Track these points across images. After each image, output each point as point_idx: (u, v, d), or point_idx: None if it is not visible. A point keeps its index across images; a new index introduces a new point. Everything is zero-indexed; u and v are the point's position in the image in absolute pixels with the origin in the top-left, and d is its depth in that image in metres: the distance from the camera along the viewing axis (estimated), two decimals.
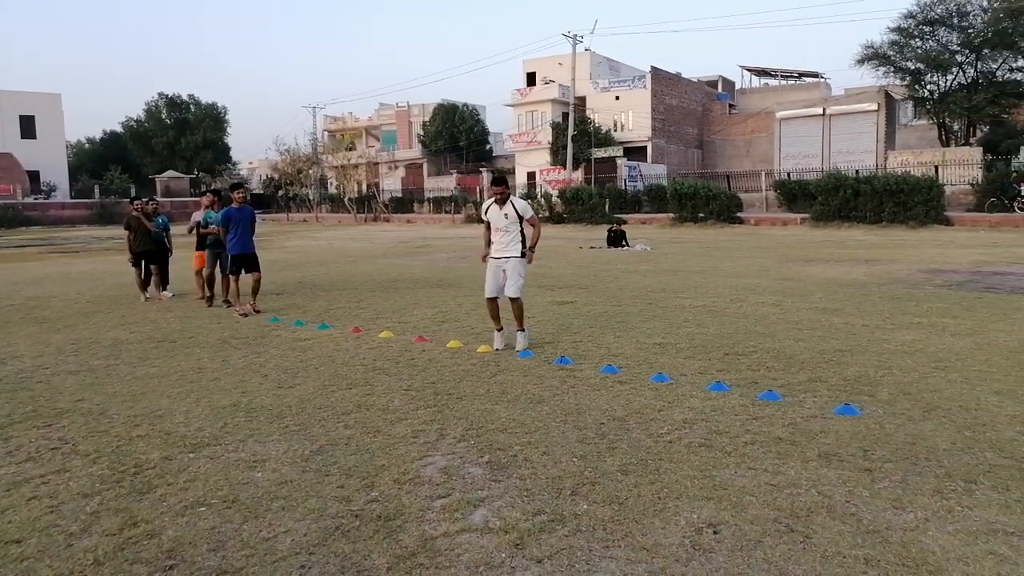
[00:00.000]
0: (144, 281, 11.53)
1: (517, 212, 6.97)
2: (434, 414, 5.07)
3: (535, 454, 4.24)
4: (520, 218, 6.99)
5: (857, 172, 28.56)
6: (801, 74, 57.46)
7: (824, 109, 42.15)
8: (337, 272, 15.37)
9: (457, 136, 56.62)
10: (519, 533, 3.26)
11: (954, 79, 37.85)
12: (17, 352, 7.57)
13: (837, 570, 2.89)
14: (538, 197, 38.49)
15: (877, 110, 40.31)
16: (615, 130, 47.98)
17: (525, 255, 7.11)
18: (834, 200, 26.70)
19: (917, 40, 38.01)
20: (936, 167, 30.06)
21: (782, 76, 58.67)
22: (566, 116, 45.28)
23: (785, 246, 19.40)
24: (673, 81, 50.46)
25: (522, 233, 7.03)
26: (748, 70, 59.22)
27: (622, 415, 4.94)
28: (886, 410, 4.91)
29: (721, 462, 4.05)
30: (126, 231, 11.61)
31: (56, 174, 56.18)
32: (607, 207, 33.78)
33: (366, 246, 24.22)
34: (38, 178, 54.15)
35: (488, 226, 7.22)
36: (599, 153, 44.62)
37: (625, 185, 39.81)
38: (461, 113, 57.35)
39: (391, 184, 58.78)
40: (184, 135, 63.46)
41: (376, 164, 61.37)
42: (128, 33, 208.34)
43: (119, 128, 68.35)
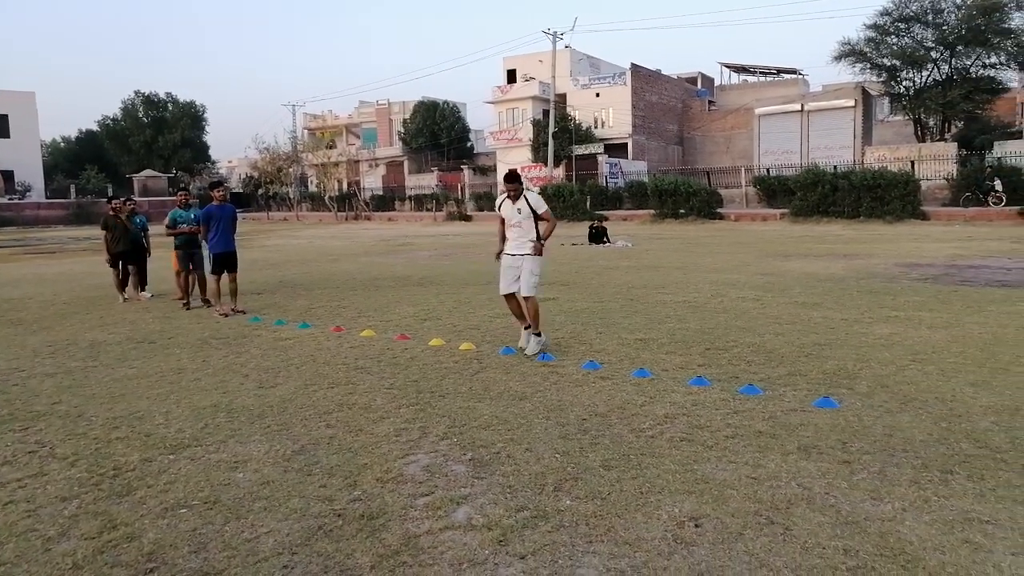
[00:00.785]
0: (122, 282, 11.40)
1: (531, 207, 6.78)
2: (416, 412, 5.06)
3: (518, 451, 4.25)
4: (534, 213, 6.79)
5: (835, 168, 28.86)
6: (780, 71, 57.84)
7: (802, 105, 42.52)
8: (318, 271, 15.29)
9: (438, 133, 56.47)
10: (502, 530, 3.27)
11: (929, 75, 38.30)
12: None
13: (816, 561, 2.92)
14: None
15: (854, 106, 40.73)
16: (596, 127, 48.09)
17: (540, 252, 6.85)
18: (813, 195, 26.98)
19: (893, 37, 38.42)
20: (912, 162, 30.43)
21: (761, 73, 59.03)
22: (547, 113, 45.30)
23: (765, 241, 19.55)
24: (653, 78, 50.64)
25: (536, 229, 6.84)
26: (727, 67, 59.55)
27: (604, 411, 4.96)
28: (864, 402, 4.97)
29: (702, 456, 4.08)
30: (103, 231, 11.48)
31: (31, 174, 55.27)
32: (588, 204, 33.87)
33: (347, 244, 24.10)
34: (12, 178, 53.28)
35: (502, 222, 7.03)
36: (580, 150, 44.68)
37: (606, 182, 39.91)
38: (442, 110, 57.20)
39: (372, 182, 58.56)
40: (162, 134, 62.77)
41: (357, 162, 61.07)
42: (104, 31, 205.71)
43: (95, 127, 67.50)
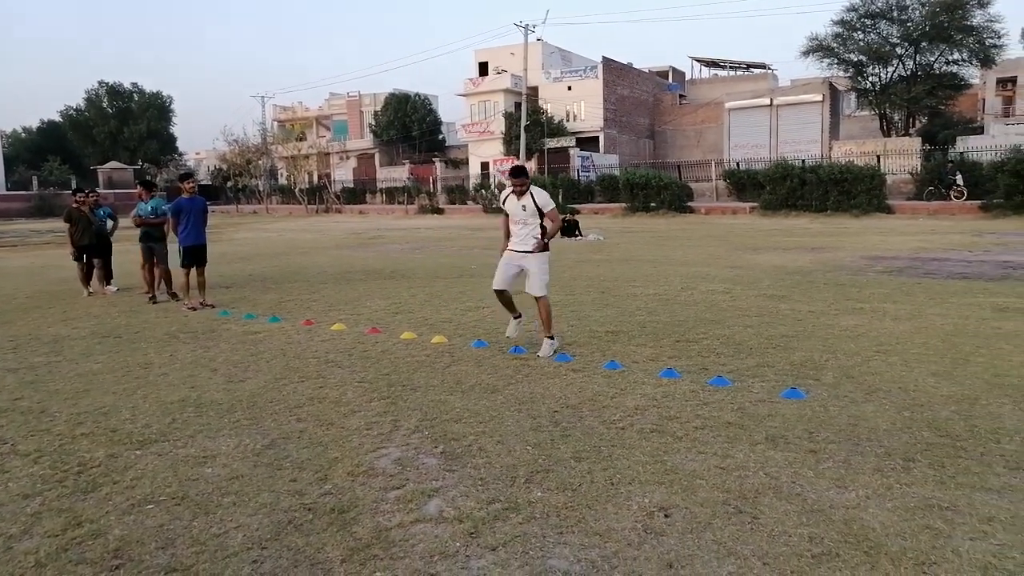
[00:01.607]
0: (87, 275, 11.19)
1: (536, 205, 6.43)
2: (388, 406, 5.05)
3: (489, 443, 4.26)
4: (540, 211, 6.46)
5: (803, 162, 29.22)
6: (749, 65, 58.43)
7: (771, 100, 42.97)
8: (288, 264, 15.14)
9: (409, 126, 56.11)
10: (473, 522, 3.27)
11: (894, 71, 38.98)
12: None
13: (783, 548, 2.98)
14: (492, 187, 38.47)
15: (822, 101, 41.26)
16: (568, 120, 48.14)
17: (547, 248, 6.57)
18: (782, 189, 27.30)
19: (859, 33, 39.02)
20: (878, 157, 30.94)
21: (731, 67, 59.59)
22: (519, 106, 45.28)
23: (735, 234, 19.76)
24: (624, 71, 50.82)
25: (542, 227, 6.52)
26: (698, 61, 60.00)
27: (575, 403, 4.99)
28: (830, 393, 5.06)
29: (672, 447, 4.13)
30: (67, 224, 11.25)
31: None
32: (560, 197, 33.91)
33: (317, 237, 23.89)
34: None
35: (507, 218, 6.72)
36: (552, 143, 44.74)
37: (578, 175, 40.03)
38: (413, 103, 56.84)
39: (343, 175, 58.07)
40: (127, 125, 61.64)
41: (327, 154, 60.46)
42: (64, 19, 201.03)
43: (58, 117, 66.03)
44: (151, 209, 10.27)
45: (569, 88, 48.79)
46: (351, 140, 62.65)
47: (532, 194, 6.46)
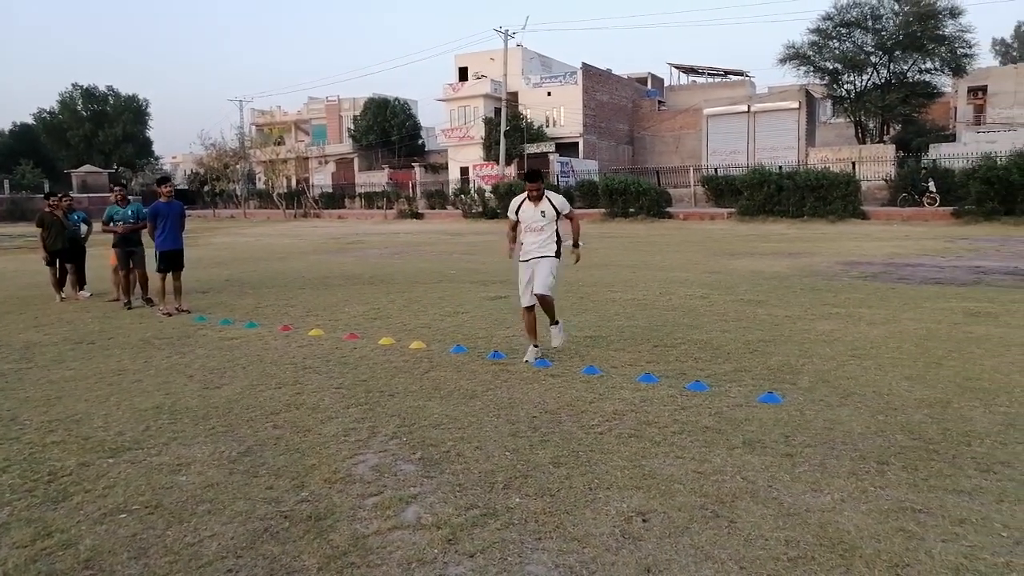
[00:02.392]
0: (59, 280, 11.02)
1: (555, 209, 6.19)
2: (366, 412, 5.01)
3: (468, 449, 4.25)
4: (557, 215, 6.22)
5: (780, 168, 29.53)
6: (727, 72, 58.95)
7: (749, 107, 43.35)
8: (266, 269, 15.02)
9: (389, 130, 55.91)
10: (451, 528, 3.26)
11: (869, 79, 39.48)
12: None
13: (759, 552, 2.99)
14: (472, 192, 38.44)
15: (798, 108, 41.71)
16: (547, 126, 48.26)
17: (559, 255, 6.33)
18: (759, 195, 27.56)
19: (835, 41, 39.49)
20: (853, 163, 31.31)
21: (709, 74, 60.07)
22: (498, 111, 45.30)
23: (712, 240, 19.91)
24: (604, 77, 51.07)
25: (556, 232, 6.25)
26: (676, 67, 60.44)
27: (554, 408, 4.99)
28: (806, 397, 5.11)
29: (650, 452, 4.14)
30: (39, 228, 11.07)
31: None
32: None
33: (296, 242, 23.73)
34: None
35: (514, 225, 6.45)
36: (532, 148, 44.80)
37: (557, 180, 40.09)
38: (392, 107, 56.62)
39: (321, 179, 57.72)
40: (102, 128, 60.83)
41: (306, 159, 60.10)
42: (39, 21, 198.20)
43: (31, 120, 65.05)
44: (132, 214, 10.14)
45: (549, 94, 48.92)
46: (330, 145, 62.32)
47: (549, 199, 6.22)
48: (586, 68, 48.71)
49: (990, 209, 22.76)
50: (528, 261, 6.31)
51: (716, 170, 35.25)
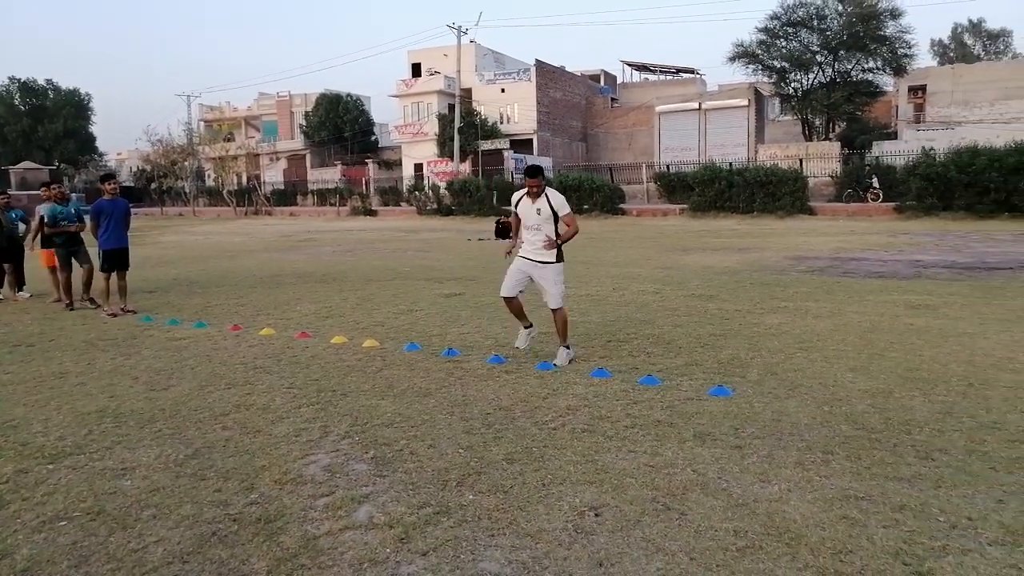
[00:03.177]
0: None
1: (552, 208, 5.99)
2: (317, 411, 4.95)
3: (421, 447, 4.22)
4: (555, 215, 6.04)
5: (731, 164, 30.07)
6: (679, 70, 59.73)
7: (700, 104, 44.04)
8: (215, 268, 14.71)
9: (341, 127, 55.22)
10: (404, 527, 3.24)
11: (815, 78, 40.47)
12: None
13: (709, 543, 3.04)
14: (426, 189, 38.26)
15: (748, 106, 42.52)
16: (501, 122, 48.27)
17: (561, 258, 6.17)
18: (710, 191, 28.02)
19: (782, 40, 40.38)
20: (800, 160, 32.05)
21: (661, 71, 60.79)
22: (452, 108, 45.17)
23: (665, 236, 20.17)
24: (557, 74, 51.27)
25: (557, 235, 6.08)
26: (629, 65, 61.03)
27: (508, 404, 5.00)
28: (755, 390, 5.21)
29: (603, 446, 4.17)
30: None
31: None
32: (495, 199, 33.97)
33: (246, 240, 23.30)
34: None
35: (517, 221, 6.33)
36: (486, 145, 44.81)
37: (512, 177, 40.10)
38: (345, 103, 55.94)
39: (273, 176, 56.81)
40: (42, 123, 58.85)
41: (257, 155, 59.09)
42: None
43: None
44: (74, 212, 9.81)
45: (502, 90, 48.93)
46: (281, 141, 61.26)
47: (548, 197, 6.02)
48: (539, 65, 48.84)
49: (929, 205, 23.55)
50: (525, 259, 6.17)
51: (668, 167, 35.75)
